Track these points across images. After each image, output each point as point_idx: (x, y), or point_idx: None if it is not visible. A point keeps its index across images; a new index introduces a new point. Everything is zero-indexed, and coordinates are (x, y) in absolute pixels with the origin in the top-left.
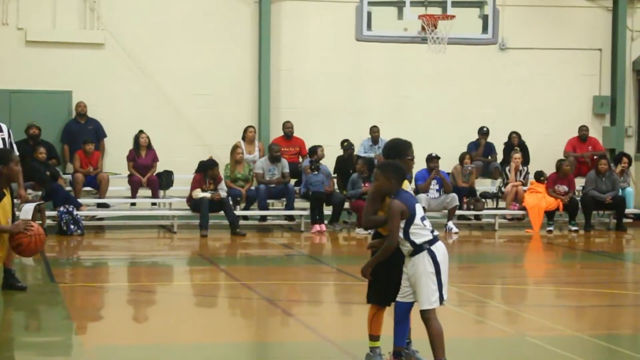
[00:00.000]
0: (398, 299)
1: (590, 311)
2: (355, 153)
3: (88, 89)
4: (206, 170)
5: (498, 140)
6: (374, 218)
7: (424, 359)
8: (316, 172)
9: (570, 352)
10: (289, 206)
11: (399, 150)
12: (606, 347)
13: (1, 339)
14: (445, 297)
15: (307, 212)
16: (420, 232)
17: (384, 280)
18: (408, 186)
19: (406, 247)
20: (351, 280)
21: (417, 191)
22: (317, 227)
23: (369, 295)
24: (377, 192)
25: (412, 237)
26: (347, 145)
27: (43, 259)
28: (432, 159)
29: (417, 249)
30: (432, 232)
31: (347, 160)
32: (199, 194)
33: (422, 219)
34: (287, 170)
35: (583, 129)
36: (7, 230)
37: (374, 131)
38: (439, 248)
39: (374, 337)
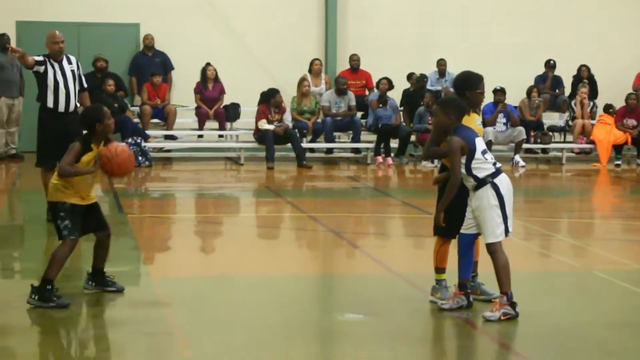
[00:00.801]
0: (462, 231)
1: None
2: None
3: (156, 22)
4: (269, 99)
5: (567, 73)
6: (435, 149)
7: (490, 291)
8: (384, 107)
9: (636, 285)
10: (356, 139)
11: (470, 83)
12: None
13: (70, 269)
14: (510, 229)
15: (373, 145)
16: (482, 166)
17: (448, 213)
18: (477, 119)
19: (470, 182)
20: (417, 212)
21: (484, 124)
22: (379, 158)
23: (435, 228)
24: (438, 128)
25: (474, 172)
26: (419, 77)
27: (112, 191)
28: (497, 92)
29: (480, 183)
30: (494, 164)
31: (417, 93)
32: (264, 125)
33: (484, 152)
34: (353, 103)
35: None
36: (84, 172)
37: (441, 64)
38: (503, 180)
39: (439, 270)
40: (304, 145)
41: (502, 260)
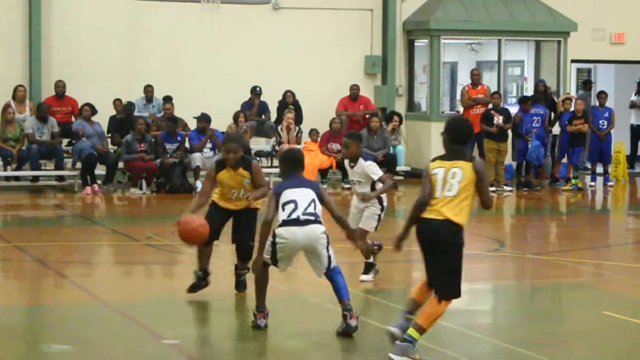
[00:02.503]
0: None
1: None
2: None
3: None
4: None
5: (273, 99)
6: None
7: None
8: (84, 139)
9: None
10: (59, 166)
11: None
12: None
13: None
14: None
15: (79, 173)
16: None
17: None
18: None
19: None
20: (125, 240)
21: (192, 150)
22: (88, 189)
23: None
24: None
25: None
26: (126, 105)
27: None
28: (201, 120)
29: None
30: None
31: (125, 120)
32: None
33: None
34: (56, 129)
35: (354, 88)
36: None
37: (149, 91)
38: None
39: None
40: (8, 173)
41: None
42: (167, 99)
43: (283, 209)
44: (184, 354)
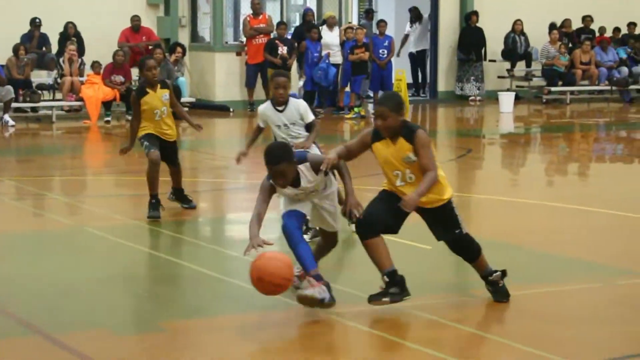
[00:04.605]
0: None
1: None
2: None
3: None
4: None
5: (53, 31)
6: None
7: None
8: None
9: (127, 239)
10: None
11: None
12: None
13: None
14: None
15: None
16: None
17: None
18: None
19: None
20: None
21: None
22: None
23: None
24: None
25: None
26: None
27: None
28: None
29: None
30: None
31: None
32: None
33: None
34: None
35: (135, 19)
36: None
37: None
38: None
39: None
40: None
41: None
42: None
43: None
44: None
